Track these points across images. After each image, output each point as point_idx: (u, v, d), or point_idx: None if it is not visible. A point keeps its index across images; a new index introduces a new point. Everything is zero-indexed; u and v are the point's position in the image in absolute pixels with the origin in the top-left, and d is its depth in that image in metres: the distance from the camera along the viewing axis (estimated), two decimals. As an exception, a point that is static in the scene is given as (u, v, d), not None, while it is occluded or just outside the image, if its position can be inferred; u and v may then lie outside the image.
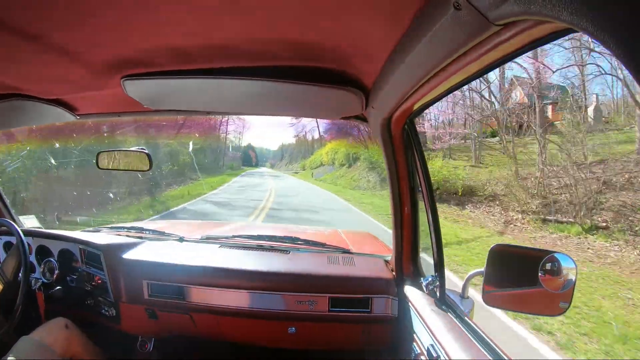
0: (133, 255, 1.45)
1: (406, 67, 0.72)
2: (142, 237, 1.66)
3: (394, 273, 1.36)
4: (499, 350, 0.85)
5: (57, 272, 1.52)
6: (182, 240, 1.66)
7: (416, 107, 0.94)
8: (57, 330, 1.30)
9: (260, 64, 0.89)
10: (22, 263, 1.35)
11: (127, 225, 1.85)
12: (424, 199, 1.12)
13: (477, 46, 0.54)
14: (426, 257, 1.28)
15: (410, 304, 1.19)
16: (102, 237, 1.56)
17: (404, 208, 1.24)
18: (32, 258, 1.55)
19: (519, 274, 0.92)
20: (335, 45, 0.77)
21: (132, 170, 1.57)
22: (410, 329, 1.16)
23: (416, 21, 0.60)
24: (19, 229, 1.39)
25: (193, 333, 1.44)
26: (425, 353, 1.01)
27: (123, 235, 1.69)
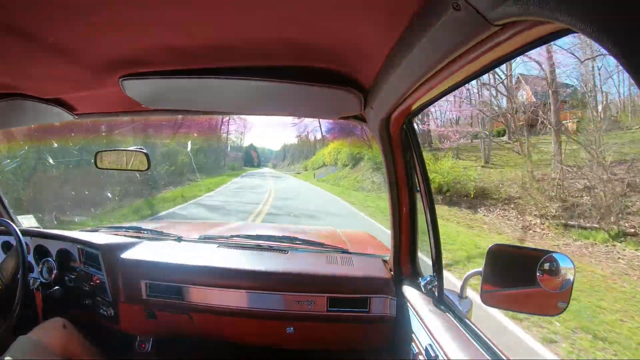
0: (131, 255, 1.45)
1: (405, 68, 0.72)
2: (141, 237, 1.66)
3: (392, 273, 1.37)
4: (497, 350, 0.85)
5: (55, 272, 1.52)
6: (180, 240, 1.66)
7: (414, 107, 0.94)
8: (55, 330, 1.30)
9: (259, 64, 0.89)
10: (20, 263, 1.34)
11: (126, 225, 1.85)
12: (423, 199, 1.12)
13: (475, 46, 0.54)
14: (424, 258, 1.28)
15: (408, 304, 1.19)
16: (101, 237, 1.56)
17: (403, 208, 1.24)
18: (30, 258, 1.55)
19: (517, 273, 0.92)
20: (333, 45, 0.77)
21: (131, 170, 1.56)
22: (409, 329, 1.17)
23: (415, 21, 0.60)
24: (17, 228, 1.39)
25: (191, 333, 1.44)
26: (423, 353, 1.01)
27: (121, 235, 1.69)
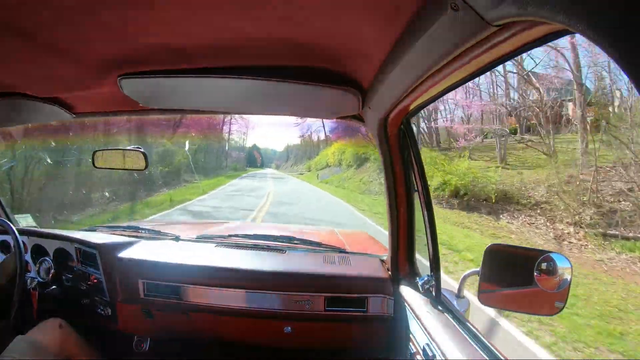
0: (129, 255, 1.45)
1: (403, 67, 0.72)
2: (138, 237, 1.66)
3: (389, 272, 1.37)
4: (495, 350, 0.85)
5: (52, 271, 1.52)
6: (178, 239, 1.66)
7: (412, 107, 0.94)
8: (52, 330, 1.29)
9: (257, 63, 0.89)
10: (18, 262, 1.34)
11: (123, 224, 1.85)
12: (420, 199, 1.12)
13: (474, 47, 0.54)
14: (421, 259, 1.28)
15: (406, 304, 1.19)
16: (98, 236, 1.55)
17: (400, 208, 1.24)
18: (28, 257, 1.54)
19: (514, 273, 0.92)
20: (332, 44, 0.77)
21: (128, 170, 1.56)
22: (406, 329, 1.17)
23: (413, 21, 0.60)
24: (15, 227, 1.38)
25: (189, 332, 1.44)
26: (420, 352, 1.01)
27: (119, 234, 1.69)
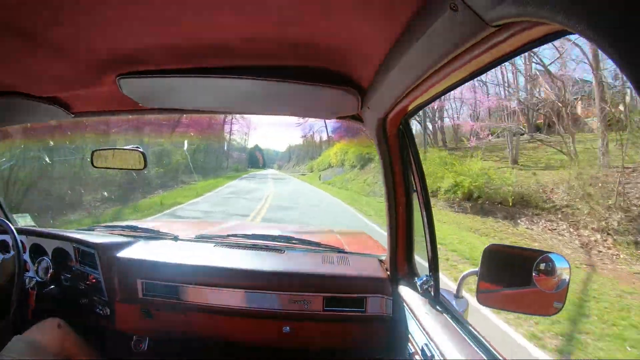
0: (127, 254, 1.45)
1: (402, 68, 0.72)
2: (137, 236, 1.65)
3: (388, 273, 1.37)
4: (493, 350, 0.85)
5: (51, 271, 1.51)
6: (176, 239, 1.66)
7: (411, 107, 0.94)
8: (51, 330, 1.29)
9: (256, 63, 0.89)
10: (16, 262, 1.34)
11: (122, 224, 1.85)
12: (419, 199, 1.13)
13: (473, 47, 0.54)
14: (420, 260, 1.28)
15: (404, 304, 1.19)
16: (97, 236, 1.55)
17: (399, 208, 1.24)
18: (26, 257, 1.54)
19: (513, 274, 0.93)
20: (331, 45, 0.77)
21: (127, 169, 1.56)
22: (405, 329, 1.17)
23: (412, 22, 0.61)
24: (13, 227, 1.38)
25: (188, 332, 1.44)
26: (419, 352, 1.01)
27: (117, 234, 1.68)
